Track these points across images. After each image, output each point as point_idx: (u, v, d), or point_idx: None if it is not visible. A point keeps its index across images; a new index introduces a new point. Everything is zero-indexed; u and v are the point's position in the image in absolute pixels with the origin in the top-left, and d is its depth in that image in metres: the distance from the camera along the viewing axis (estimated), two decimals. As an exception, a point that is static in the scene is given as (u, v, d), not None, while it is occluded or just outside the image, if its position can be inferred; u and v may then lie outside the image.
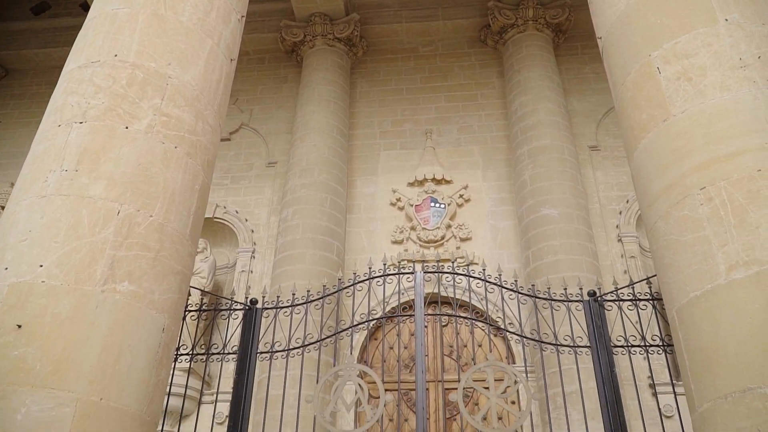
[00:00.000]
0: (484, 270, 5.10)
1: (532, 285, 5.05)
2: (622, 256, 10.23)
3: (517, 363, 9.68)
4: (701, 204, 3.65)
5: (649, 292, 4.77)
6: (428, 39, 13.11)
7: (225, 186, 11.66)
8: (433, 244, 10.53)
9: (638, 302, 4.75)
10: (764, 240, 3.35)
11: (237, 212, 11.37)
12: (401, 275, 5.04)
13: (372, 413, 4.51)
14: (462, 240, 10.66)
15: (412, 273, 5.04)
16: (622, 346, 4.65)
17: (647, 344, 4.61)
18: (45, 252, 3.60)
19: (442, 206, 10.95)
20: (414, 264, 9.85)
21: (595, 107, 11.76)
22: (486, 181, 11.34)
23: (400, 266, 5.33)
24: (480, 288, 5.13)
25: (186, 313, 5.00)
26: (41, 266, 3.55)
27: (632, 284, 4.81)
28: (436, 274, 5.24)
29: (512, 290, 4.89)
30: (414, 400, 10.05)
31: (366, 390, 4.61)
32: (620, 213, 10.65)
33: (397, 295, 5.53)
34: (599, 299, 4.81)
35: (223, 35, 4.96)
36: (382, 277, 5.06)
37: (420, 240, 10.62)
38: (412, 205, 11.05)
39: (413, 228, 10.86)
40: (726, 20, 3.97)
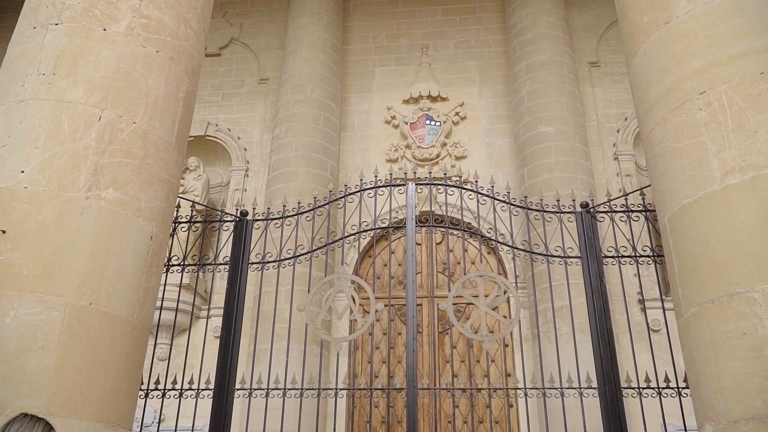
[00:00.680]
0: (476, 182, 5.04)
1: (525, 197, 5.00)
2: (618, 175, 10.17)
3: (509, 279, 9.81)
4: (700, 109, 3.56)
5: (642, 204, 4.73)
6: (425, -52, 12.52)
7: (216, 103, 11.43)
8: (428, 163, 10.43)
9: (631, 213, 4.73)
10: (762, 144, 3.28)
11: (229, 130, 11.19)
12: (393, 187, 4.98)
13: (363, 322, 4.56)
14: (457, 158, 10.56)
15: (404, 185, 4.98)
16: (613, 257, 4.66)
17: (637, 255, 4.62)
18: (26, 158, 3.51)
19: (438, 124, 10.78)
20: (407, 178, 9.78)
21: (597, 21, 11.38)
22: (482, 99, 11.12)
23: (392, 180, 5.26)
24: (472, 201, 5.09)
25: (176, 225, 4.98)
26: (23, 172, 3.47)
27: (625, 195, 4.77)
28: (428, 187, 5.19)
29: (504, 202, 4.85)
30: (402, 312, 10.25)
31: (357, 299, 4.65)
32: (618, 131, 10.52)
33: (390, 213, 5.50)
34: (591, 211, 4.78)
35: (205, -67, 4.68)
36: (374, 189, 5.00)
37: (415, 158, 10.52)
38: (407, 123, 10.87)
39: (408, 146, 10.74)
40: None
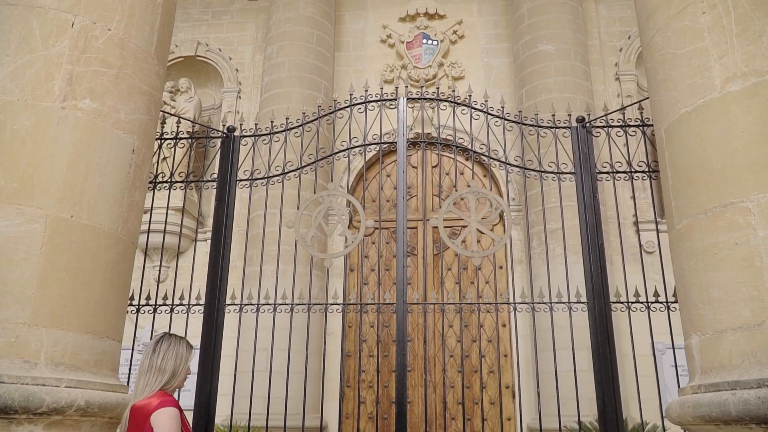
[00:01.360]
0: (470, 96, 4.88)
1: (519, 111, 4.86)
2: (618, 96, 9.95)
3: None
4: (703, 12, 3.38)
5: (640, 118, 4.60)
6: None
7: (206, 22, 11.04)
8: (425, 83, 10.17)
9: (627, 128, 4.61)
10: (766, 49, 3.13)
11: (220, 50, 10.86)
12: (384, 102, 4.83)
13: (353, 239, 4.52)
14: (455, 79, 10.31)
15: (395, 100, 4.83)
16: (607, 173, 4.57)
17: (632, 170, 4.53)
18: (-3, 65, 3.37)
19: (435, 43, 10.46)
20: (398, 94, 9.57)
21: (602, -68, 10.83)
22: (481, 16, 10.74)
23: (383, 96, 5.09)
24: (466, 118, 4.94)
25: (162, 142, 4.87)
26: (-6, 80, 3.33)
27: (623, 108, 4.63)
28: (421, 105, 5.04)
29: (498, 117, 4.72)
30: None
31: (347, 216, 4.59)
32: (620, 50, 10.21)
33: (380, 130, 5.35)
34: (587, 125, 4.66)
35: None
36: (364, 105, 4.86)
37: (411, 79, 10.26)
38: (403, 42, 10.54)
39: (404, 66, 10.46)
40: None
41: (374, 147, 5.17)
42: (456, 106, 4.83)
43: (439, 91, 4.90)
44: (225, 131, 4.86)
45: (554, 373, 4.43)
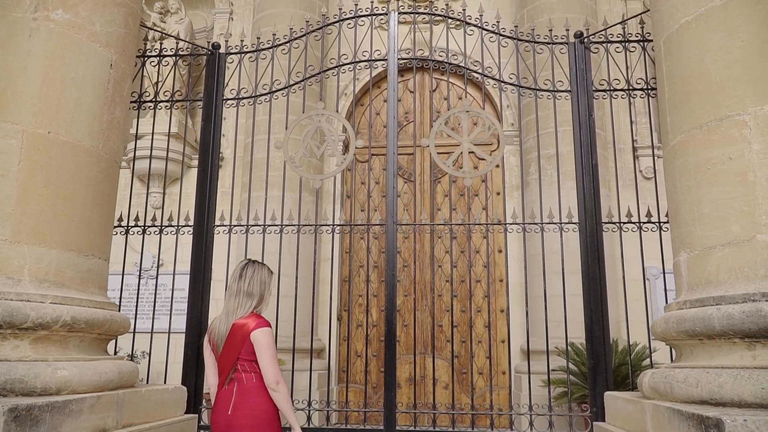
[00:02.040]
0: (464, 10, 4.67)
1: (515, 26, 4.67)
2: (623, 15, 9.59)
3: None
4: None
5: (641, 33, 4.42)
6: None
7: (195, -62, 10.55)
8: (422, 4, 9.82)
9: (627, 44, 4.43)
10: (773, -49, 2.95)
11: (210, -32, 10.42)
12: (374, 16, 4.63)
13: (342, 159, 4.43)
14: (453, -1, 9.92)
15: (386, 14, 4.63)
16: (604, 90, 4.43)
17: (630, 88, 4.39)
18: (-38, -28, 3.20)
19: (433, -39, 10.00)
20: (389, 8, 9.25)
21: None
22: (482, -69, 10.22)
23: (374, 10, 4.88)
24: (459, 33, 4.75)
25: (145, 60, 4.71)
26: (-41, -12, 3.18)
27: (623, 21, 4.44)
28: (413, 20, 4.84)
29: (493, 32, 4.53)
30: (398, 164, 10.17)
31: (336, 135, 4.49)
32: (626, -33, 9.78)
33: (371, 47, 5.16)
34: (585, 41, 4.48)
35: None
36: (354, 20, 4.66)
37: (408, -1, 9.88)
38: (401, -40, 10.09)
39: (401, -14, 10.05)
40: None
41: (367, 70, 5.00)
42: (449, 22, 4.63)
43: (433, 5, 4.69)
44: (210, 48, 4.69)
45: (544, 295, 4.45)
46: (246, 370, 2.97)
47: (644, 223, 4.28)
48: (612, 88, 4.44)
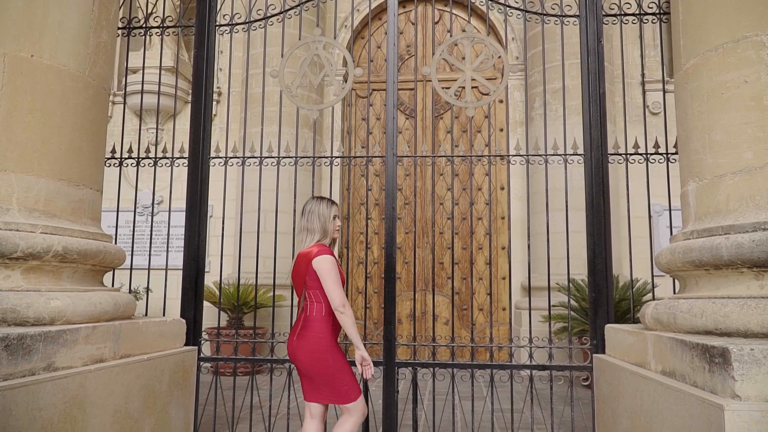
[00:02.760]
0: (469, -71, 4.40)
1: (522, -55, 4.41)
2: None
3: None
4: None
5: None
6: None
7: None
8: (426, -70, 9.37)
9: (640, -36, 4.19)
10: None
11: None
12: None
13: (341, 88, 4.27)
14: (458, -75, 9.47)
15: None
16: (614, 15, 4.22)
17: (642, 12, 4.18)
18: None
19: None
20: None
21: None
22: None
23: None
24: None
25: (134, -17, 4.48)
26: None
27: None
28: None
29: (499, -47, 4.29)
30: (400, 100, 9.96)
31: (335, 62, 4.32)
32: None
33: None
34: (597, -39, 4.24)
35: None
36: (352, -60, 4.41)
37: (411, -75, 9.42)
38: None
39: None
40: None
41: (366, 1, 4.76)
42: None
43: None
44: (201, -31, 4.46)
45: (546, 230, 4.37)
46: (311, 299, 3.16)
47: (651, 155, 4.16)
48: (622, 13, 4.23)
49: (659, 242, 8.84)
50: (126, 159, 4.40)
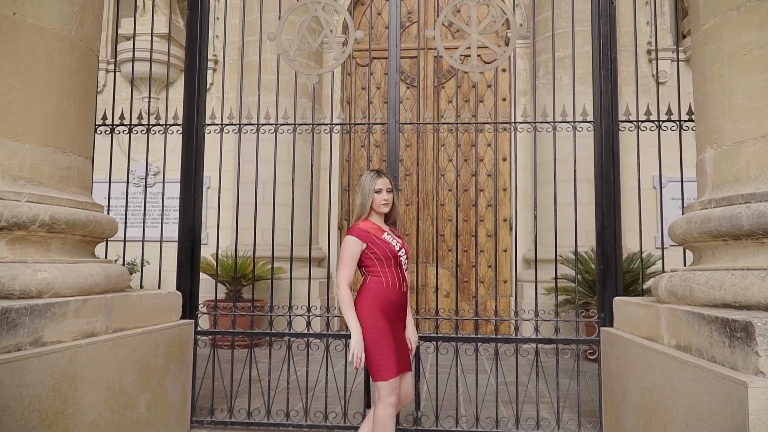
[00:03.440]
0: None
1: None
2: None
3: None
4: None
5: None
6: None
7: None
8: None
9: None
10: None
11: None
12: None
13: (341, 52, 4.09)
14: None
15: None
16: (628, -25, 4.03)
17: (657, -28, 3.99)
18: None
19: None
20: None
21: None
22: None
23: None
24: None
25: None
26: None
27: None
28: None
29: None
30: (401, 69, 9.72)
31: (334, 24, 4.13)
32: None
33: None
34: None
35: None
36: None
37: None
38: None
39: None
40: None
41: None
42: None
43: None
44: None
45: (554, 200, 4.23)
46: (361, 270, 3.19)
47: (664, 122, 4.00)
48: (635, -27, 4.04)
49: (665, 215, 8.71)
50: (117, 126, 4.24)
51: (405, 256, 3.17)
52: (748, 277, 2.47)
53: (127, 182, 4.23)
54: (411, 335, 3.22)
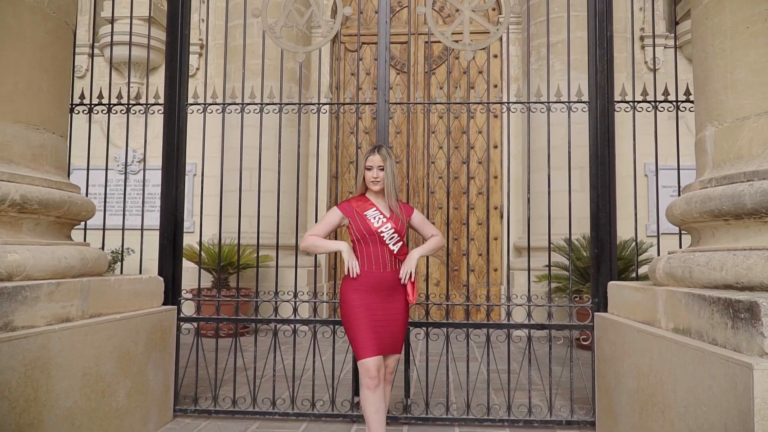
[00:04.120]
0: None
1: None
2: None
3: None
4: None
5: None
6: None
7: None
8: None
9: None
10: None
11: None
12: None
13: (329, 28, 3.96)
14: None
15: None
16: (624, -50, 3.92)
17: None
18: None
19: None
20: None
21: None
22: None
23: None
24: None
25: None
26: None
27: None
28: None
29: None
30: (391, 54, 9.59)
31: (322, 7, 3.99)
32: None
33: None
34: None
35: None
36: None
37: None
38: None
39: None
40: None
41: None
42: None
43: None
44: None
45: (548, 184, 4.12)
46: None
47: (660, 102, 3.90)
48: (633, -52, 3.92)
49: (652, 203, 8.65)
50: (96, 106, 4.08)
51: (391, 233, 3.06)
52: (751, 257, 2.37)
53: (106, 166, 4.09)
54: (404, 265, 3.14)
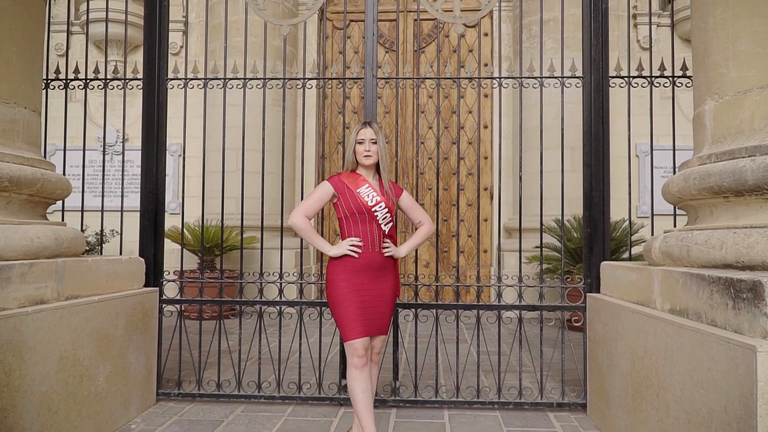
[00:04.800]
0: None
1: None
2: None
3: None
4: None
5: None
6: None
7: None
8: None
9: None
10: None
11: None
12: None
13: (314, 1, 3.80)
14: None
15: None
16: None
17: None
18: None
19: None
20: None
21: None
22: None
23: None
24: None
25: None
26: None
27: None
28: None
29: None
30: (380, 32, 9.40)
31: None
32: None
33: None
34: None
35: None
36: None
37: None
38: None
39: None
40: None
41: None
42: None
43: None
44: None
45: (540, 162, 4.02)
46: None
47: (656, 78, 3.79)
48: None
49: (645, 184, 8.59)
50: (72, 80, 3.91)
51: (385, 212, 2.98)
52: (753, 235, 2.29)
53: (84, 143, 3.93)
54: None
